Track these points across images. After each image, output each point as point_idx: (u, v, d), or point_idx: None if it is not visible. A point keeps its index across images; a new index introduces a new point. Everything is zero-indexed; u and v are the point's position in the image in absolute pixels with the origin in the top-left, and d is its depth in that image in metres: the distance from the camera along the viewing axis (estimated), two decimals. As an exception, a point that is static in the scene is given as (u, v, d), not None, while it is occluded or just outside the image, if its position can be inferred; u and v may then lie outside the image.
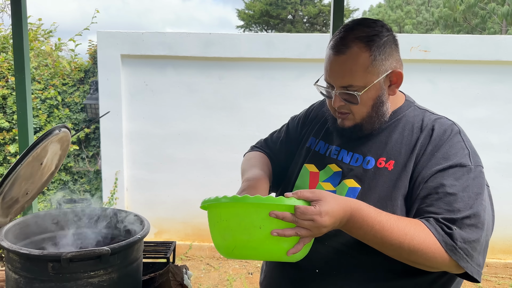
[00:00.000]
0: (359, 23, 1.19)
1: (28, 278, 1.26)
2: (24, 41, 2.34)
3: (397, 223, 1.03)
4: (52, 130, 1.50)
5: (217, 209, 1.05)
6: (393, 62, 1.18)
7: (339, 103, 1.20)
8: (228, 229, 1.02)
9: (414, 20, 22.80)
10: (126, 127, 4.83)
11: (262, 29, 25.43)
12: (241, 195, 1.03)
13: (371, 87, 1.15)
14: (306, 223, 0.96)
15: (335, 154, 1.28)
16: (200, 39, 4.67)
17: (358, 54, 1.14)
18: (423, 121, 1.20)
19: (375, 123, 1.21)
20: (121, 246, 1.29)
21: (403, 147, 1.18)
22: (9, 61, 4.91)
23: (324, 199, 0.98)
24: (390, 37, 1.18)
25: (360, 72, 1.14)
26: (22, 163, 1.40)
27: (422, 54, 4.43)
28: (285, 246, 1.00)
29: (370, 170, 1.19)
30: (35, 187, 1.66)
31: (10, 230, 1.43)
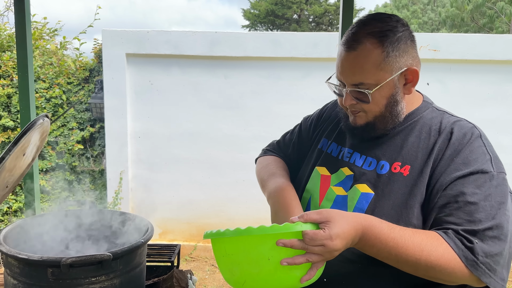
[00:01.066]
0: (373, 18, 1.13)
1: (27, 283, 1.22)
2: (27, 39, 2.30)
3: (412, 238, 0.97)
4: (37, 120, 1.46)
5: (220, 243, 0.99)
6: (408, 59, 1.10)
7: (350, 102, 1.13)
8: (235, 263, 0.97)
9: (420, 20, 22.68)
10: (131, 126, 4.80)
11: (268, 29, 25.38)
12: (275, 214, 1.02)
13: (383, 85, 1.09)
14: (317, 248, 0.91)
15: (347, 157, 1.22)
16: (206, 38, 4.63)
17: (370, 50, 1.08)
18: (442, 124, 1.13)
19: (388, 123, 1.14)
20: (123, 251, 1.24)
21: (419, 151, 1.11)
22: (14, 60, 4.89)
23: (333, 220, 0.92)
24: (405, 33, 1.11)
25: (371, 69, 1.08)
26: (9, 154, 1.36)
27: (431, 54, 4.37)
28: (298, 274, 0.95)
29: (384, 175, 1.13)
30: (14, 179, 1.61)
31: (9, 233, 1.39)
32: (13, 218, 4.69)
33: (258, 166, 1.48)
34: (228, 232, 0.94)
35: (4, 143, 4.80)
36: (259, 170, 1.44)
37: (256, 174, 1.46)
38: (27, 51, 2.31)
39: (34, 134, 1.47)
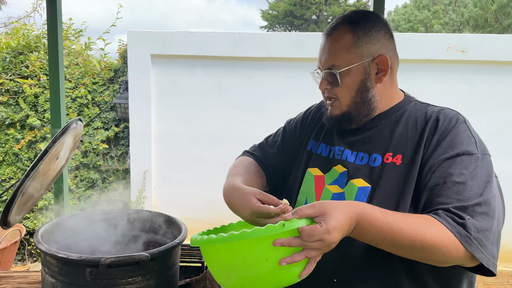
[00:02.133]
0: (354, 12, 1.25)
1: (65, 282, 1.23)
2: (58, 41, 2.34)
3: (405, 221, 0.98)
4: (70, 124, 1.47)
5: (213, 249, 0.96)
6: (381, 48, 1.18)
7: (325, 86, 1.21)
8: (231, 268, 0.94)
9: (441, 20, 22.30)
10: (154, 126, 4.84)
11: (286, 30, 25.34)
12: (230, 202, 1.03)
13: (353, 69, 1.16)
14: (315, 244, 0.91)
15: (338, 155, 1.25)
16: (229, 39, 4.64)
17: (342, 34, 1.17)
18: (426, 113, 1.17)
19: (361, 111, 1.20)
20: (160, 251, 1.25)
21: (408, 140, 1.15)
22: (41, 60, 4.99)
23: (328, 212, 0.92)
24: (380, 25, 1.19)
25: (341, 51, 1.16)
26: (43, 159, 1.36)
27: (459, 55, 4.28)
28: (297, 270, 0.93)
29: (377, 167, 1.16)
30: (47, 181, 1.63)
31: (46, 231, 1.41)
32: (39, 215, 4.78)
33: (231, 166, 1.51)
34: (221, 238, 0.91)
35: (31, 142, 4.90)
36: (230, 169, 1.48)
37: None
38: (58, 53, 2.35)
39: (67, 138, 1.48)
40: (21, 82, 4.86)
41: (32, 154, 4.90)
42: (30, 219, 4.74)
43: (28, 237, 4.76)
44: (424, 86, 4.27)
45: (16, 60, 4.99)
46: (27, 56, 5.02)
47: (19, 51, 5.06)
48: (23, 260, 4.73)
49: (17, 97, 4.89)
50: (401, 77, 1.25)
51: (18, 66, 4.96)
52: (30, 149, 4.92)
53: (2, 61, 4.93)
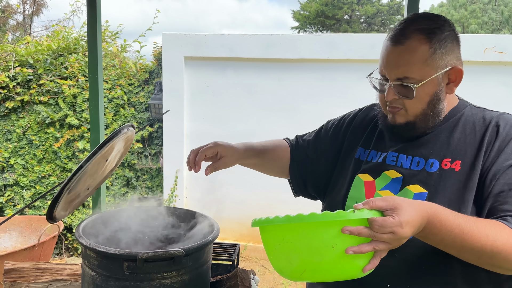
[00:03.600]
0: (421, 16, 1.16)
1: (103, 275, 1.28)
2: (98, 44, 2.43)
3: (476, 225, 0.95)
4: (122, 129, 1.49)
5: (277, 231, 0.93)
6: (453, 59, 1.13)
7: (392, 97, 1.14)
8: (294, 251, 0.91)
9: (480, 19, 21.59)
10: (187, 127, 4.94)
11: (317, 30, 25.17)
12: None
13: (428, 82, 1.10)
14: (386, 236, 0.88)
15: (392, 160, 1.22)
16: (260, 41, 4.68)
17: (417, 45, 1.10)
18: (485, 119, 1.15)
19: (429, 122, 1.16)
20: (193, 248, 1.28)
21: (468, 146, 1.12)
22: (79, 62, 5.18)
23: (400, 207, 0.89)
24: (452, 33, 1.14)
25: (418, 64, 1.10)
26: (91, 160, 1.40)
27: (497, 56, 4.15)
28: (361, 263, 0.90)
29: (435, 173, 1.13)
30: (95, 182, 1.67)
31: (86, 226, 1.48)
32: (76, 211, 4.96)
33: None
34: (288, 218, 0.89)
35: (69, 140, 5.09)
36: None
37: None
38: (97, 56, 2.45)
39: (118, 142, 1.52)
40: (61, 83, 5.06)
41: (70, 152, 5.09)
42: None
43: (65, 232, 4.95)
44: (460, 88, 4.17)
45: (56, 61, 5.19)
46: (66, 58, 5.21)
47: (59, 53, 5.26)
48: (60, 254, 4.92)
49: (57, 97, 5.10)
50: None
51: (58, 68, 5.16)
52: (68, 147, 5.12)
53: (43, 62, 5.15)
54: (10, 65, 5.10)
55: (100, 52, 2.48)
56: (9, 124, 5.16)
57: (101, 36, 2.55)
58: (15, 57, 5.16)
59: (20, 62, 5.17)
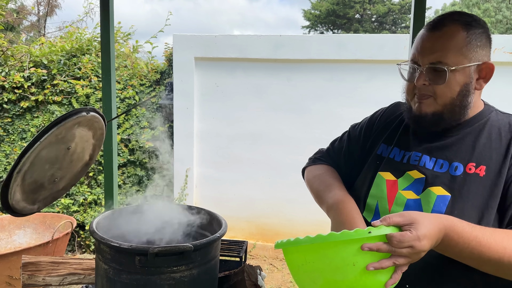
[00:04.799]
0: (459, 12, 1.18)
1: (116, 269, 1.33)
2: (111, 45, 2.50)
3: (494, 236, 0.97)
4: (78, 111, 1.42)
5: (299, 252, 0.95)
6: (486, 55, 1.14)
7: (423, 81, 1.14)
8: (317, 271, 0.93)
9: (493, 18, 21.33)
10: (197, 126, 5.01)
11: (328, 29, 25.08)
12: (338, 228, 1.00)
13: (460, 70, 1.11)
14: (405, 250, 0.90)
15: (415, 160, 1.21)
16: (270, 42, 4.72)
17: (455, 32, 1.12)
18: (511, 124, 1.16)
19: (456, 115, 1.15)
20: (202, 243, 1.33)
21: (493, 151, 1.12)
22: (92, 62, 5.27)
23: (417, 221, 0.91)
24: (486, 31, 1.16)
25: (453, 50, 1.11)
26: (41, 140, 1.34)
27: (506, 56, 4.14)
28: (383, 278, 0.92)
29: (459, 177, 1.12)
30: (64, 175, 1.61)
31: (100, 222, 1.54)
32: (88, 209, 5.06)
33: (309, 175, 1.48)
34: (308, 239, 0.91)
35: (82, 140, 5.19)
36: (312, 180, 1.44)
37: (308, 185, 1.46)
38: (110, 57, 2.52)
39: (78, 127, 1.44)
40: (74, 83, 5.15)
41: (83, 151, 5.18)
42: (80, 213, 5.03)
43: (78, 230, 5.05)
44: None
45: (69, 62, 5.29)
46: (79, 59, 5.31)
47: (72, 54, 5.36)
48: (73, 251, 5.02)
49: (70, 97, 5.19)
50: None
51: (71, 68, 5.26)
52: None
53: (57, 63, 5.25)
54: (25, 65, 5.22)
55: (113, 53, 2.54)
56: (24, 123, 5.27)
57: (114, 37, 2.62)
58: (30, 58, 5.27)
59: (34, 62, 5.28)
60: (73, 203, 5.00)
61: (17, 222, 4.14)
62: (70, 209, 4.96)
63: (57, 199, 1.68)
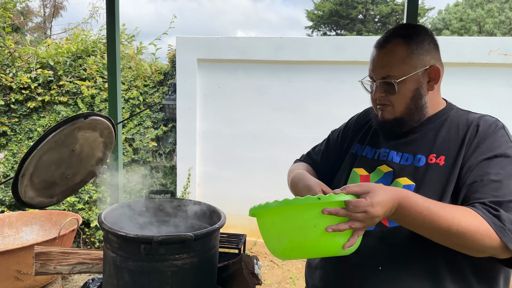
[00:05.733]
0: (402, 26, 1.35)
1: (123, 257, 1.42)
2: (116, 48, 2.60)
3: (444, 208, 1.05)
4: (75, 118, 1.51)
5: (268, 215, 1.07)
6: (431, 59, 1.27)
7: (379, 94, 1.30)
8: (283, 232, 1.04)
9: (496, 19, 21.32)
10: (199, 126, 5.12)
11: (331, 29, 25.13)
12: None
13: (408, 78, 1.25)
14: (360, 215, 0.99)
15: (384, 156, 1.35)
16: (270, 43, 4.82)
17: (396, 47, 1.27)
18: (468, 120, 1.27)
19: (414, 116, 1.29)
20: (202, 233, 1.43)
21: (451, 143, 1.24)
22: (97, 64, 5.38)
23: (373, 190, 1.01)
24: (429, 38, 1.29)
25: (397, 63, 1.26)
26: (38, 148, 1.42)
27: (501, 58, 4.23)
28: (341, 240, 1.01)
29: (422, 167, 1.24)
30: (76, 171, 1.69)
31: (107, 214, 1.64)
32: (93, 207, 5.17)
33: (289, 172, 1.63)
34: (277, 203, 1.02)
35: (88, 139, 5.30)
36: (289, 175, 1.60)
37: (288, 179, 1.60)
38: (116, 58, 2.62)
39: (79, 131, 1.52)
40: (80, 84, 5.24)
41: (88, 150, 5.30)
42: (85, 210, 5.14)
43: (83, 227, 5.17)
44: (465, 89, 4.26)
45: (75, 63, 5.39)
46: (85, 60, 5.41)
47: (78, 55, 5.45)
48: (79, 247, 5.14)
49: (76, 98, 5.29)
50: (442, 81, 1.33)
51: (77, 69, 5.36)
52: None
53: (63, 64, 5.36)
54: (32, 67, 5.33)
55: (118, 55, 2.64)
56: (30, 123, 5.39)
57: (119, 40, 2.72)
58: (36, 59, 5.39)
59: (41, 64, 5.39)
60: (79, 201, 5.12)
61: (24, 219, 4.25)
62: (76, 206, 5.08)
63: (76, 191, 1.81)
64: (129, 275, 1.41)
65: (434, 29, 22.90)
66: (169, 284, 1.40)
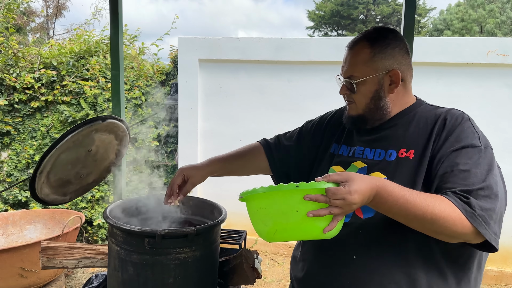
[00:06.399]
0: (375, 29, 1.41)
1: (127, 250, 1.47)
2: (120, 48, 2.65)
3: (419, 196, 1.11)
4: (93, 120, 1.57)
5: (255, 200, 1.15)
6: (394, 63, 1.34)
7: (344, 92, 1.40)
8: (268, 215, 1.12)
9: (498, 19, 21.34)
10: (201, 126, 5.17)
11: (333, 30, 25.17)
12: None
13: (368, 80, 1.33)
14: (338, 202, 1.05)
15: (359, 154, 1.42)
16: (271, 44, 4.87)
17: (361, 49, 1.35)
18: (436, 114, 1.33)
19: (375, 115, 1.37)
20: (204, 228, 1.49)
21: (420, 137, 1.30)
22: (100, 64, 5.44)
23: (351, 179, 1.07)
24: (397, 43, 1.35)
25: (359, 64, 1.34)
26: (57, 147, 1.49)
27: (499, 58, 4.27)
28: (321, 225, 1.09)
29: (393, 162, 1.32)
30: (90, 171, 1.75)
31: (112, 209, 1.70)
32: (96, 205, 5.23)
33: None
34: (263, 189, 1.11)
35: (90, 138, 5.35)
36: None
37: None
38: (119, 58, 2.67)
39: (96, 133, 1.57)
40: (82, 84, 5.28)
41: (91, 149, 5.35)
42: (87, 209, 5.20)
43: (86, 225, 5.22)
44: (463, 90, 4.29)
45: (78, 64, 5.45)
46: (87, 60, 5.46)
47: (81, 56, 5.51)
48: (82, 245, 5.18)
49: (79, 98, 5.34)
50: (441, 81, 1.40)
51: (80, 69, 5.42)
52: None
53: (66, 64, 5.42)
54: (35, 67, 5.39)
55: (121, 55, 2.67)
56: (34, 123, 5.44)
57: (123, 40, 2.76)
58: (40, 60, 5.45)
59: (44, 64, 5.44)
60: (81, 199, 5.17)
61: (27, 217, 4.31)
62: (79, 205, 5.13)
63: (89, 191, 1.88)
64: (133, 268, 1.46)
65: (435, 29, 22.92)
66: (172, 277, 1.45)
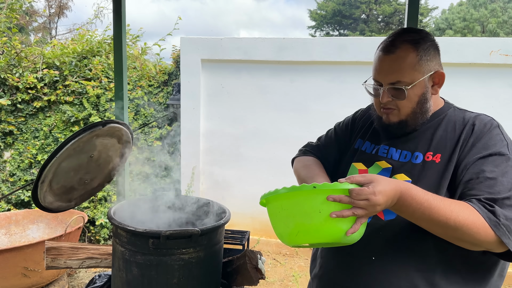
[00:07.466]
0: (407, 30, 1.36)
1: (132, 251, 1.47)
2: (123, 47, 2.66)
3: (443, 201, 1.10)
4: (93, 126, 1.54)
5: (277, 201, 1.13)
6: (436, 64, 1.32)
7: (387, 99, 1.32)
8: (290, 216, 1.10)
9: (500, 19, 21.31)
10: (203, 126, 5.17)
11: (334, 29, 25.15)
12: None
13: (416, 84, 1.28)
14: (362, 203, 1.04)
15: (384, 153, 1.40)
16: (273, 44, 4.87)
17: (407, 53, 1.28)
18: (464, 119, 1.31)
19: (418, 119, 1.33)
20: (208, 228, 1.48)
21: (447, 142, 1.28)
22: (102, 64, 5.45)
23: (375, 180, 1.06)
24: (433, 43, 1.33)
25: (408, 69, 1.28)
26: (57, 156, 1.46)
27: (502, 58, 4.26)
28: (344, 227, 1.07)
29: (419, 164, 1.30)
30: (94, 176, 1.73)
31: (116, 210, 1.69)
32: (98, 205, 5.23)
33: (298, 165, 1.66)
34: (285, 189, 1.09)
35: (93, 138, 5.37)
36: (300, 169, 1.62)
37: (296, 173, 1.63)
38: (122, 59, 2.68)
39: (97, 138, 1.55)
40: (85, 84, 5.30)
41: (93, 149, 5.36)
42: (90, 209, 5.21)
43: (88, 225, 5.23)
44: (466, 90, 4.29)
45: (80, 63, 5.46)
46: (90, 60, 5.47)
47: (83, 56, 5.52)
48: (84, 245, 5.19)
49: (81, 98, 5.35)
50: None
51: (82, 69, 5.43)
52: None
53: (69, 64, 5.43)
54: (38, 67, 5.40)
55: (124, 56, 2.69)
56: (36, 123, 5.46)
57: (126, 40, 2.77)
58: (42, 60, 5.46)
59: (47, 64, 5.46)
60: (84, 199, 5.18)
61: (30, 217, 4.31)
62: (81, 205, 5.14)
63: (93, 195, 1.84)
64: (137, 269, 1.46)
65: (437, 28, 22.88)
66: (176, 277, 1.45)
